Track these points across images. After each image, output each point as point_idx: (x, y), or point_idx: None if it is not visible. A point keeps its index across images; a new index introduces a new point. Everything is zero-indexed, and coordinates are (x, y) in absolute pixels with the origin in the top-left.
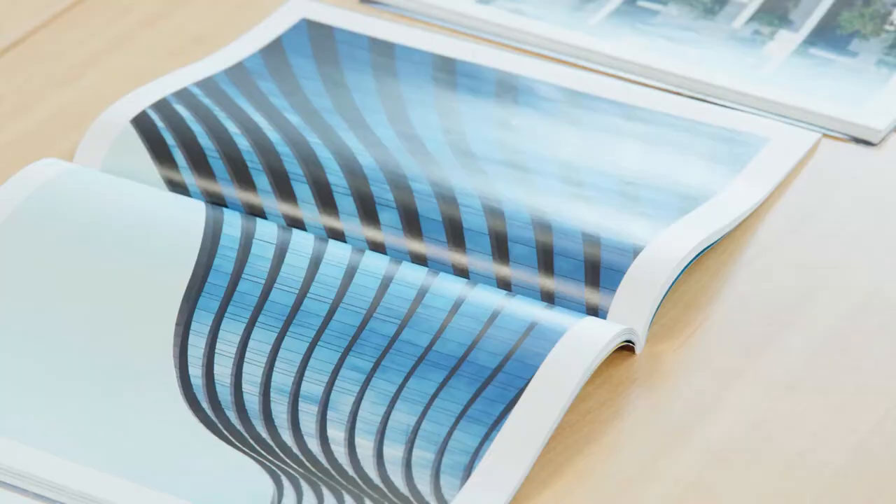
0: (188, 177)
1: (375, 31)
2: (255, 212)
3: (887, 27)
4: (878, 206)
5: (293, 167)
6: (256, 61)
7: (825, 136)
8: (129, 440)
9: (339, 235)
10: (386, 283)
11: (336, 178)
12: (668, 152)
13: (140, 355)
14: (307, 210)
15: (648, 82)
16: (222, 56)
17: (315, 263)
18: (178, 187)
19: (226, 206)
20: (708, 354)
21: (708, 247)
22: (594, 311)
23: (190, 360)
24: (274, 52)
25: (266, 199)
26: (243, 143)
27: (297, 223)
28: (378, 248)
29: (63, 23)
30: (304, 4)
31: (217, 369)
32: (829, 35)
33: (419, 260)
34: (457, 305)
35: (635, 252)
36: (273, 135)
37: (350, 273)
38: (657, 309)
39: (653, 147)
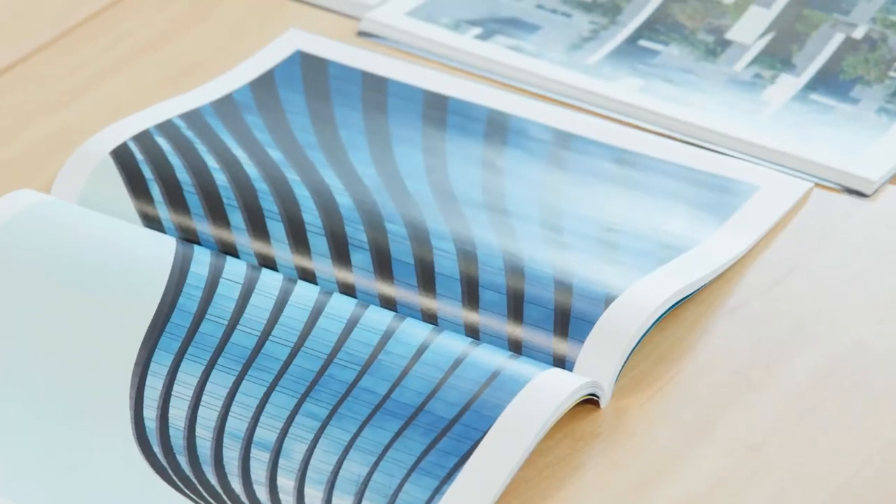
0: (163, 211)
1: (370, 65)
2: (227, 248)
3: (891, 73)
4: (867, 260)
5: (269, 204)
6: (245, 94)
7: (818, 185)
8: (78, 482)
9: (310, 275)
10: (350, 327)
11: (311, 217)
12: (654, 199)
13: (97, 395)
14: (279, 249)
15: (642, 125)
16: (212, 87)
17: (280, 305)
18: (152, 221)
19: (199, 243)
20: (675, 410)
21: (685, 297)
22: (561, 361)
23: (146, 401)
24: (265, 84)
25: (239, 236)
26: (221, 179)
27: (268, 261)
28: (348, 289)
29: (60, 47)
30: (301, 36)
31: (172, 412)
32: (831, 80)
33: (389, 303)
34: (419, 352)
35: (607, 301)
36: (252, 171)
37: (314, 316)
38: (626, 362)
39: (639, 193)
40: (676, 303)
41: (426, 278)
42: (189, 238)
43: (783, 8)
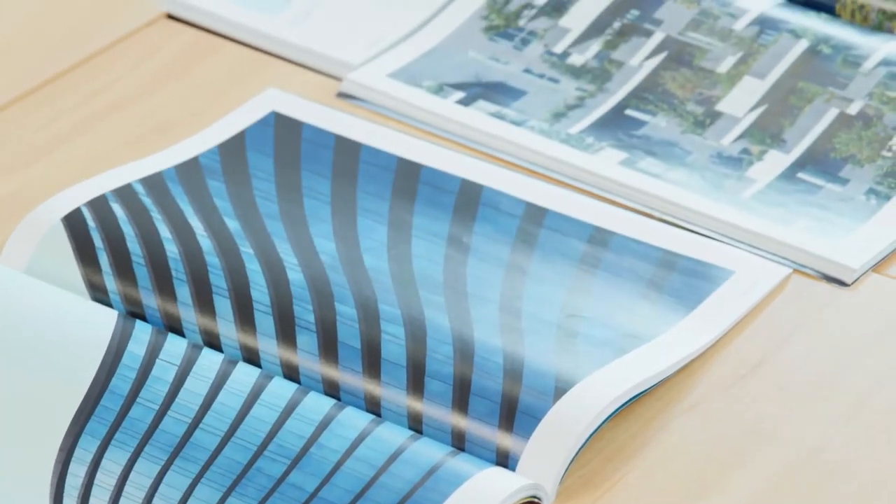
0: (110, 282)
1: (345, 128)
2: (172, 323)
3: (885, 153)
4: (839, 356)
5: (217, 279)
6: (213, 156)
7: (797, 271)
8: None
9: (254, 355)
10: (284, 416)
11: (259, 295)
12: (622, 283)
13: (17, 482)
14: (224, 326)
15: (619, 200)
16: (180, 148)
17: (215, 390)
18: (98, 292)
19: (144, 316)
20: None
21: (643, 392)
22: (505, 458)
23: (67, 490)
24: (234, 146)
25: (185, 311)
26: (171, 250)
27: (213, 338)
28: (292, 371)
29: (30, 103)
30: (278, 96)
31: (92, 503)
32: (821, 158)
33: (332, 387)
34: (354, 446)
35: (557, 395)
36: (205, 242)
37: (249, 403)
38: (572, 461)
39: (606, 276)
40: (632, 398)
41: (372, 364)
42: (134, 311)
43: (778, 79)
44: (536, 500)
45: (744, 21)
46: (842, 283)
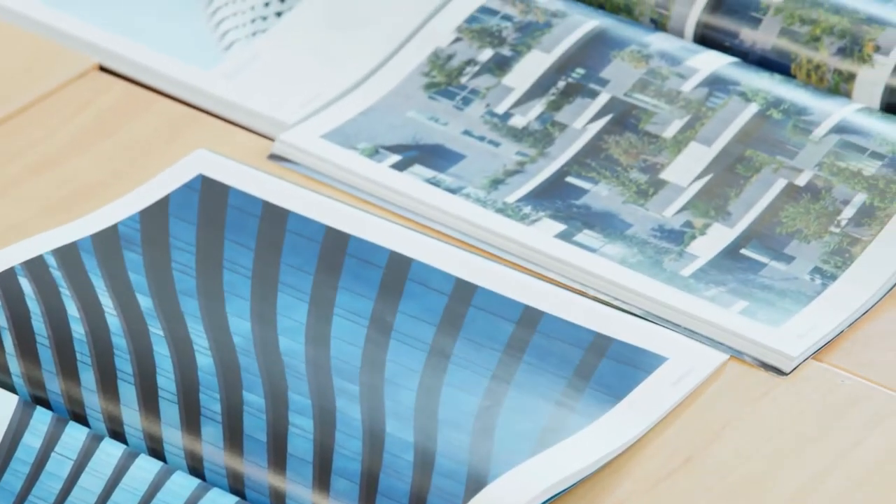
0: (13, 363)
1: (273, 194)
2: (76, 409)
3: (833, 229)
4: (773, 452)
5: (123, 364)
6: (133, 224)
7: (733, 358)
8: None
9: (158, 445)
10: None
11: (166, 382)
12: (548, 369)
13: None
14: (128, 415)
15: (553, 276)
16: (100, 215)
17: (110, 488)
18: (1, 373)
19: (47, 400)
20: None
21: (562, 491)
22: None
23: None
24: (157, 213)
25: (89, 397)
26: (78, 330)
27: (117, 427)
28: (197, 463)
29: None
30: (206, 157)
31: None
32: (766, 233)
33: (237, 482)
34: None
35: (468, 496)
36: (114, 322)
37: (145, 502)
38: None
39: (532, 360)
40: (550, 498)
41: (277, 458)
42: (38, 395)
43: (725, 146)
44: None
45: (693, 82)
46: (779, 372)
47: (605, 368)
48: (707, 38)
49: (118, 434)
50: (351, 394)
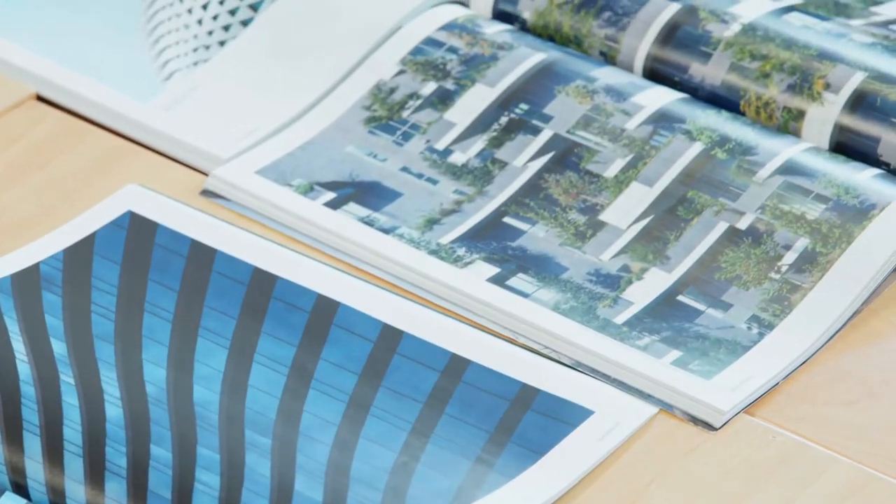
0: None
1: (203, 232)
2: None
3: (772, 275)
4: None
5: (30, 414)
6: (55, 264)
7: (663, 411)
8: None
9: (61, 499)
10: None
11: (72, 434)
12: (469, 422)
13: None
14: (32, 467)
15: (482, 321)
16: (23, 253)
17: None
18: None
19: None
20: None
21: None
22: None
23: None
24: (81, 252)
25: None
26: None
27: (20, 479)
28: None
29: None
30: (137, 193)
31: None
32: (704, 279)
33: None
34: None
35: None
36: (24, 369)
37: None
38: None
39: (455, 412)
40: None
41: None
42: None
43: (667, 187)
44: None
45: (638, 119)
46: (709, 427)
47: (529, 422)
48: (657, 73)
49: (21, 487)
50: (262, 448)
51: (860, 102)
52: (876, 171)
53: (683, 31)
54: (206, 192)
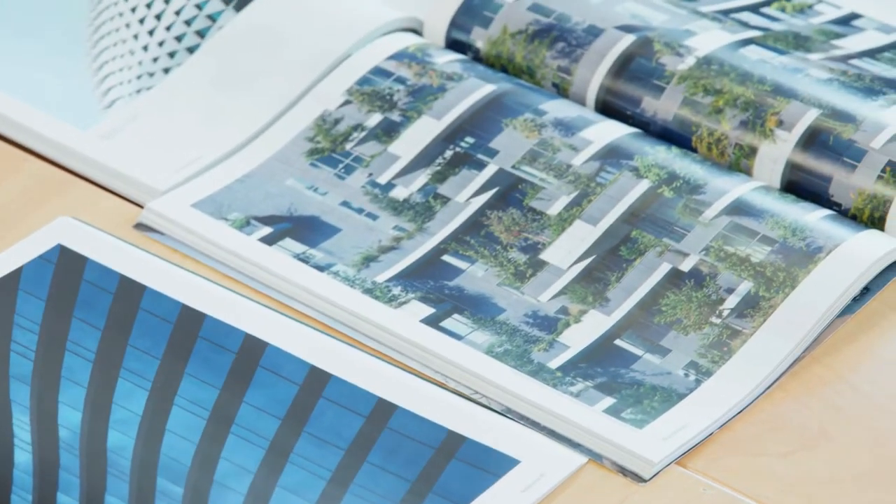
0: None
1: (133, 267)
2: None
3: (713, 319)
4: None
5: None
6: None
7: (592, 461)
8: None
9: None
10: None
11: None
12: (391, 471)
13: None
14: None
15: (413, 364)
16: None
17: None
18: None
19: None
20: None
21: None
22: None
23: None
24: (6, 287)
25: None
26: None
27: None
28: None
29: None
30: (69, 226)
31: None
32: (644, 322)
33: None
34: None
35: None
36: None
37: None
38: None
39: (377, 460)
40: None
41: None
42: None
43: (611, 226)
44: None
45: (585, 154)
46: (639, 478)
47: (453, 471)
48: (609, 106)
49: None
50: (173, 497)
51: (813, 140)
52: (826, 212)
53: (637, 63)
54: (140, 226)
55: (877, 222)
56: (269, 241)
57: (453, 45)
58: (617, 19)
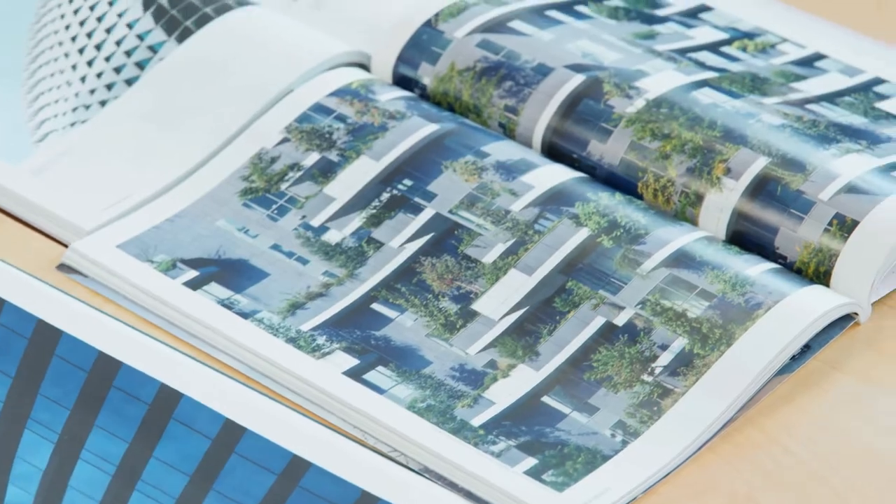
0: None
1: (51, 311)
2: None
3: (645, 377)
4: None
5: None
6: None
7: None
8: None
9: None
10: None
11: None
12: None
13: None
14: None
15: (332, 419)
16: None
17: None
18: None
19: None
20: None
21: None
22: None
23: None
24: None
25: None
26: None
27: None
28: None
29: None
30: None
31: None
32: (573, 378)
33: None
34: None
35: None
36: None
37: None
38: None
39: None
40: None
41: None
42: None
43: (546, 275)
44: None
45: (526, 199)
46: None
47: None
48: (555, 148)
49: None
50: None
51: (760, 190)
52: (770, 265)
53: (585, 104)
54: (63, 267)
55: (822, 277)
56: (193, 285)
57: (401, 81)
58: (568, 58)
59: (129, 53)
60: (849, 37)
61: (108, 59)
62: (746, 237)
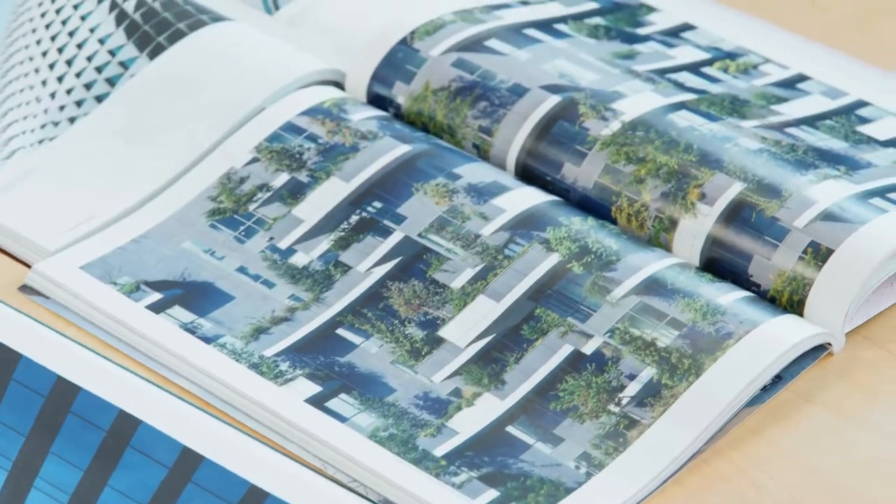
0: None
1: (10, 334)
2: None
3: (612, 408)
4: None
5: None
6: None
7: None
8: None
9: None
10: None
11: None
12: None
13: None
14: None
15: (292, 448)
16: None
17: None
18: None
19: None
20: None
21: None
22: None
23: None
24: None
25: None
26: None
27: None
28: None
29: None
30: None
31: None
32: (539, 408)
33: None
34: None
35: None
36: None
37: None
38: None
39: None
40: None
41: None
42: None
43: (514, 302)
44: None
45: (496, 223)
46: None
47: None
48: (529, 170)
49: None
50: None
51: (735, 216)
52: (743, 293)
53: (560, 126)
54: (26, 288)
55: (796, 306)
56: (157, 308)
57: (375, 99)
58: (544, 78)
59: (99, 69)
60: (834, 58)
61: (78, 74)
62: (720, 264)
